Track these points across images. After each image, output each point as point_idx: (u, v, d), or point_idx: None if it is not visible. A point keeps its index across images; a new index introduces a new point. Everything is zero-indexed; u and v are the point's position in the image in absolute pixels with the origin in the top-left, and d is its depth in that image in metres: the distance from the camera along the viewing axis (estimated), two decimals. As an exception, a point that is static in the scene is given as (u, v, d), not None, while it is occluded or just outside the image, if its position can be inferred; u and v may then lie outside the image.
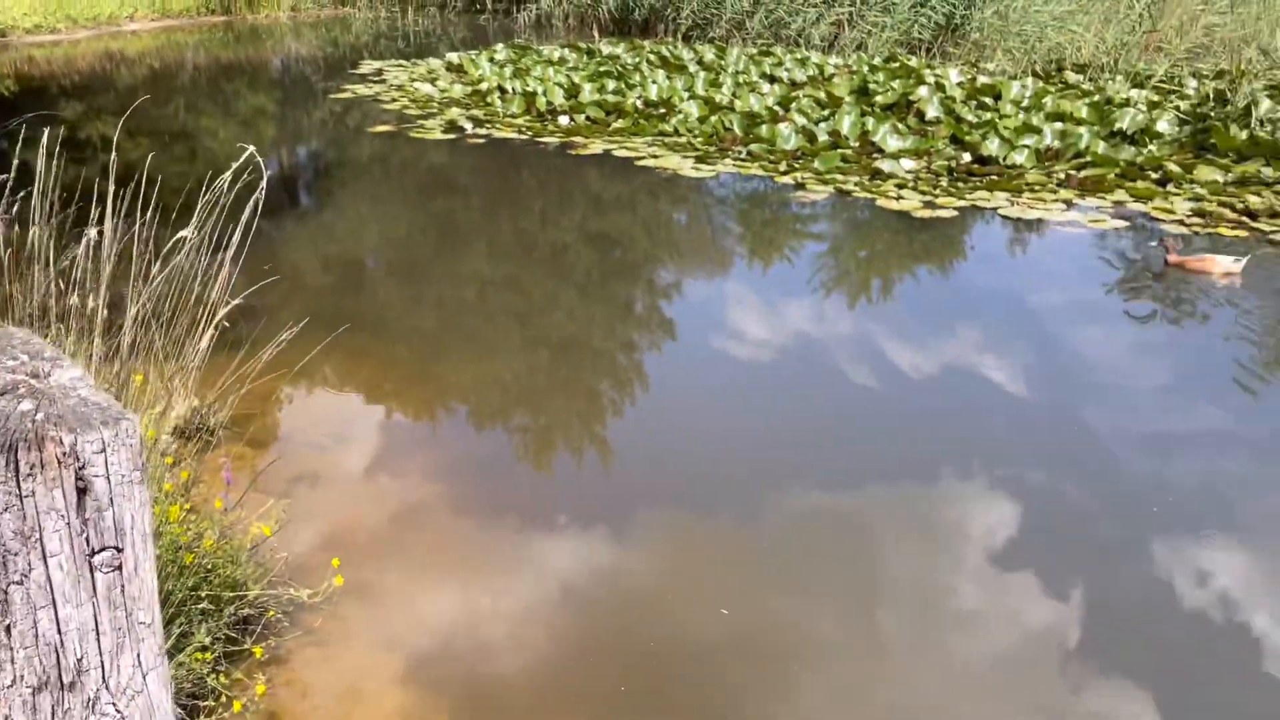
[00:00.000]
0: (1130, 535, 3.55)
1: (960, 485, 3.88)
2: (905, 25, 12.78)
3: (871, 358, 5.01)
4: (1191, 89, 9.96)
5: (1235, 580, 3.32)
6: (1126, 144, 8.44)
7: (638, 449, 4.22)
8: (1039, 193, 7.45)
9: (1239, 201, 7.12)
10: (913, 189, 7.54)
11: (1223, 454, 4.11)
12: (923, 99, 9.28)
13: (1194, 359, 5.06)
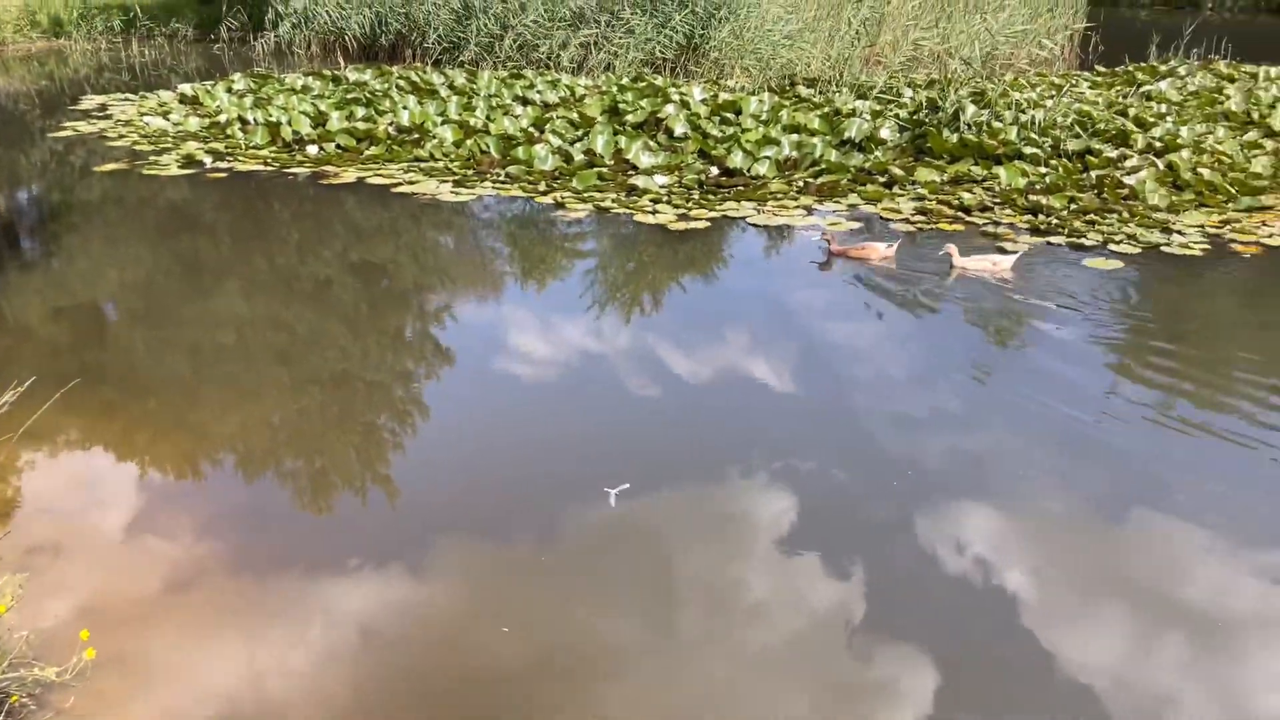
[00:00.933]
0: (891, 509, 3.85)
1: (741, 480, 4.08)
2: (649, 46, 13.25)
3: (647, 365, 5.17)
4: (908, 98, 10.88)
5: (981, 541, 3.67)
6: (856, 151, 9.13)
7: (424, 479, 4.16)
8: (782, 200, 7.93)
9: (954, 198, 7.86)
10: (667, 203, 7.84)
11: (953, 429, 4.54)
12: (670, 116, 9.65)
13: (923, 344, 5.54)
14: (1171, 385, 4.95)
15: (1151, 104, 10.26)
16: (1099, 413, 4.62)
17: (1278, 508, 3.87)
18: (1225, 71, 12.43)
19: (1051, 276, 6.43)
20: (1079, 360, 5.23)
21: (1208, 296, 6.24)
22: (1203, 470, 4.15)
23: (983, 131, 9.16)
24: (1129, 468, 4.21)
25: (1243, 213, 7.40)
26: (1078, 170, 8.31)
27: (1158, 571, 3.52)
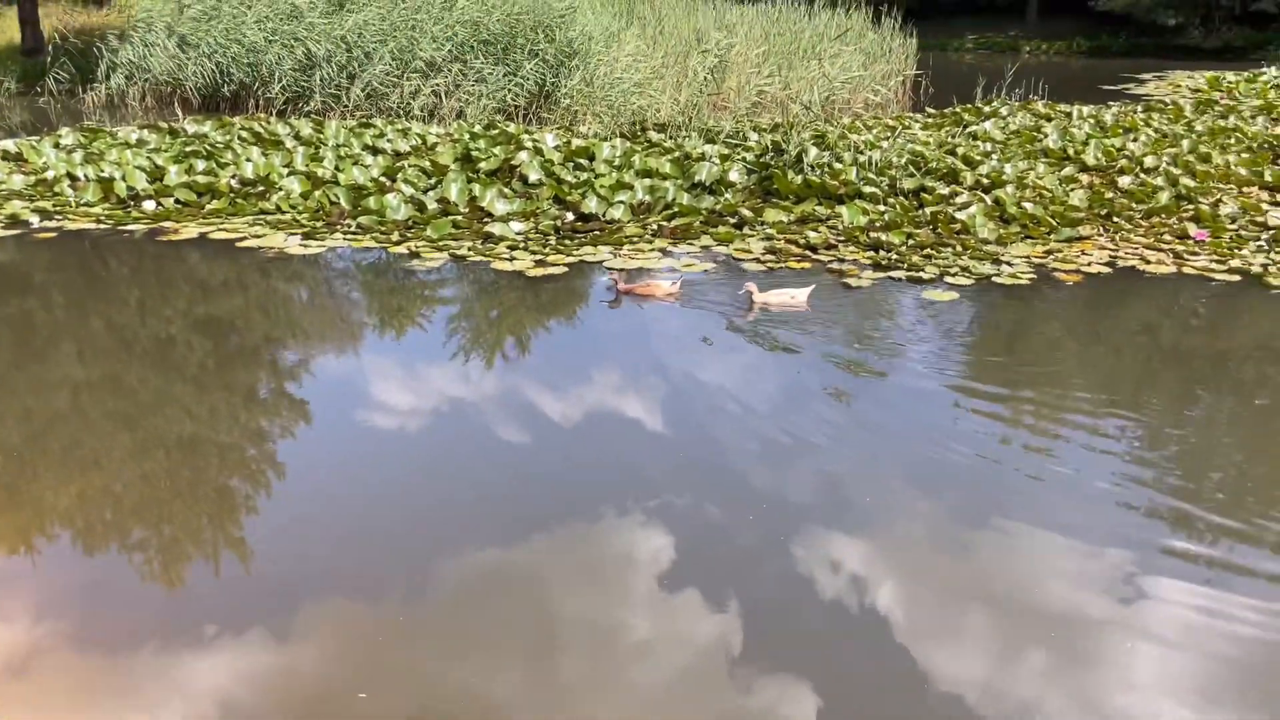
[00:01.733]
0: (759, 539, 3.94)
1: (618, 521, 4.10)
2: (500, 93, 13.32)
3: (512, 411, 5.15)
4: (754, 141, 11.27)
5: (846, 565, 3.79)
6: (706, 194, 9.38)
7: (282, 542, 4.02)
8: (638, 244, 8.07)
9: (801, 238, 8.17)
10: (524, 249, 7.87)
11: (811, 458, 4.69)
12: (524, 163, 9.72)
13: (775, 377, 5.72)
14: (1009, 405, 5.26)
15: (978, 143, 10.93)
16: (944, 435, 4.86)
17: (1109, 516, 4.14)
18: (1043, 111, 13.36)
19: (893, 309, 6.76)
20: (921, 388, 5.50)
21: (1036, 321, 6.66)
22: (1042, 484, 4.41)
23: (825, 173, 9.56)
24: (976, 485, 4.44)
25: (1064, 243, 7.94)
26: (914, 207, 8.77)
27: (1011, 583, 3.71)
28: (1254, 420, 5.13)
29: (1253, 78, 18.49)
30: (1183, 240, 7.88)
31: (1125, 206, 8.68)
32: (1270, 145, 10.74)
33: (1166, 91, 18.43)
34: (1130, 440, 4.90)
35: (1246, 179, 9.49)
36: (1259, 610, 3.51)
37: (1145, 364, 6.05)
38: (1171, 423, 5.14)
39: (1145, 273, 7.25)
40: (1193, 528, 4.08)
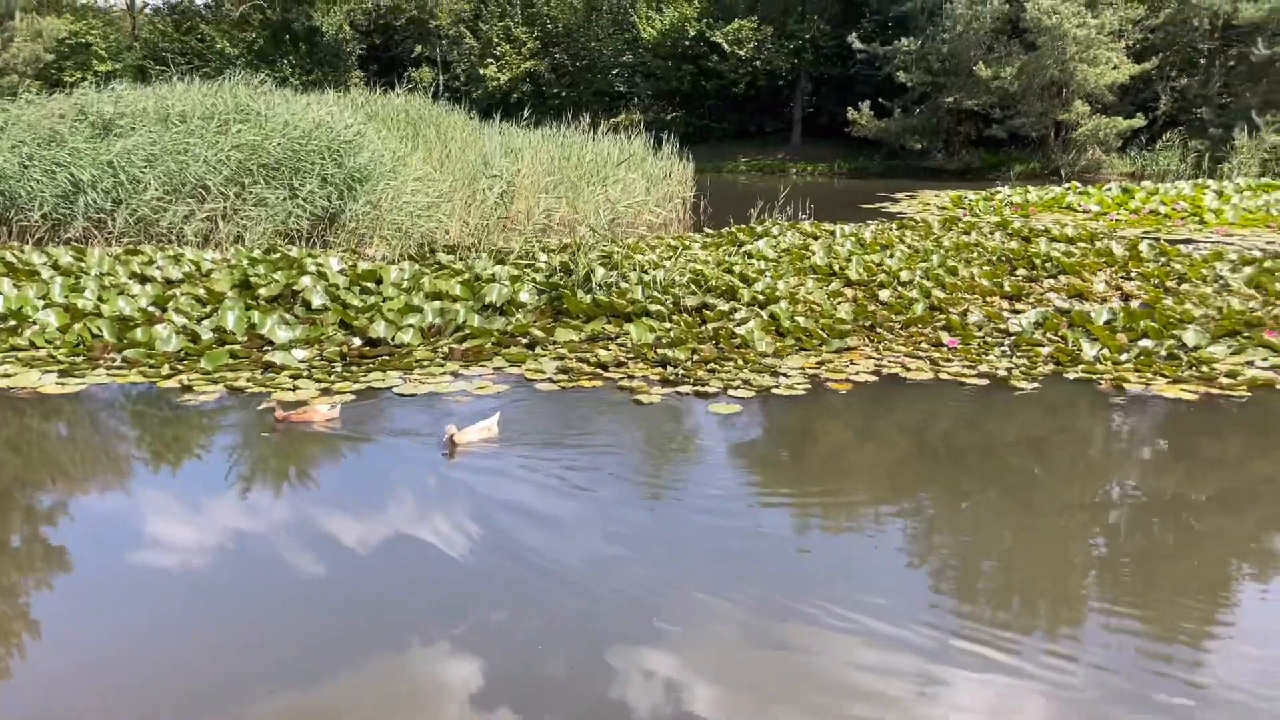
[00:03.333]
0: (576, 659, 3.88)
1: (426, 649, 3.93)
2: (282, 217, 13.02)
3: (296, 545, 4.90)
4: (543, 262, 11.49)
5: (664, 673, 3.77)
6: (498, 315, 9.44)
7: (34, 705, 3.60)
8: (428, 368, 7.99)
9: (592, 356, 8.32)
10: (308, 378, 7.62)
11: (620, 567, 4.70)
12: (307, 288, 9.49)
13: (558, 494, 5.73)
14: (802, 506, 5.53)
15: (753, 261, 11.58)
16: (745, 537, 5.03)
17: (901, 605, 4.35)
18: (809, 230, 14.35)
19: (680, 424, 6.96)
20: (717, 496, 5.66)
21: (815, 428, 7.02)
22: (839, 577, 4.59)
23: (612, 292, 9.84)
24: (778, 583, 4.57)
25: (834, 354, 8.46)
26: (697, 324, 9.15)
27: (820, 678, 3.80)
28: (1018, 508, 5.57)
29: (989, 196, 20.63)
30: (937, 348, 8.56)
31: (886, 318, 9.38)
32: (1007, 258, 11.93)
33: (918, 209, 20.23)
34: (912, 532, 5.25)
35: (989, 289, 10.47)
36: (1042, 688, 3.74)
37: (917, 461, 6.47)
38: (946, 514, 5.56)
39: (907, 379, 7.80)
40: (975, 613, 4.37)
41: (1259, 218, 17.14)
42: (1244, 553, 5.09)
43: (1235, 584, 4.77)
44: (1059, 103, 28.95)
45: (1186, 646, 4.11)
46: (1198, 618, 4.37)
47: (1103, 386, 7.58)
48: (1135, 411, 7.30)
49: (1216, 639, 4.22)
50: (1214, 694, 3.76)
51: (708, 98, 38.05)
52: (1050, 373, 7.87)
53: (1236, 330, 8.64)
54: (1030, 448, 6.64)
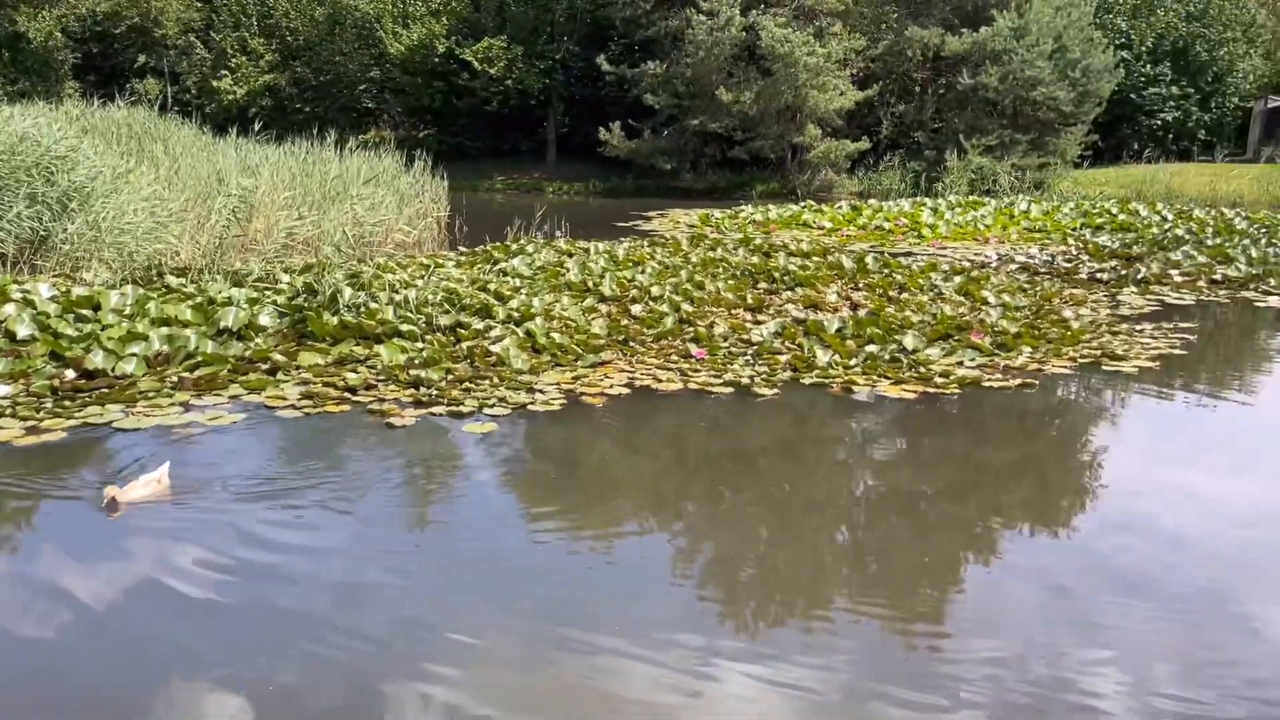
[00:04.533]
0: (347, 695, 3.65)
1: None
2: (-20, 240, 11.68)
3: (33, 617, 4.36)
4: (285, 283, 10.93)
5: (441, 698, 3.62)
6: (234, 340, 8.88)
7: None
8: (154, 399, 7.38)
9: (340, 379, 7.99)
10: (12, 415, 6.86)
11: (388, 601, 4.50)
12: (11, 317, 8.55)
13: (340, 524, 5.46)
14: (570, 520, 5.52)
15: (508, 278, 11.54)
16: (516, 555, 4.93)
17: (671, 611, 4.40)
18: (564, 247, 14.48)
19: (436, 445, 6.80)
20: (485, 516, 5.55)
21: (575, 442, 7.05)
22: (600, 580, 4.59)
23: (362, 313, 9.50)
24: (552, 598, 4.52)
25: (589, 368, 8.55)
26: (451, 343, 8.99)
27: (596, 688, 3.77)
28: (771, 510, 5.82)
29: (734, 214, 21.65)
30: (686, 359, 8.84)
31: (638, 332, 9.59)
32: (750, 272, 12.52)
33: (669, 227, 20.91)
34: (675, 541, 5.37)
35: (733, 302, 10.94)
36: (800, 685, 3.89)
37: (674, 470, 6.64)
38: (706, 520, 5.72)
39: (659, 390, 8.00)
40: (739, 617, 4.54)
41: (968, 231, 18.92)
42: (971, 539, 5.55)
43: (964, 569, 5.18)
44: (794, 126, 30.85)
45: (925, 635, 4.42)
46: (933, 604, 4.73)
47: (834, 390, 8.08)
48: (865, 412, 7.83)
49: (951, 623, 4.56)
50: (948, 680, 4.07)
51: (460, 115, 37.76)
52: (789, 379, 8.31)
53: (949, 334, 9.47)
54: (775, 451, 6.97)
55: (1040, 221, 19.72)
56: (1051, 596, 4.81)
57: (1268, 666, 4.13)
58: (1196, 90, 35.28)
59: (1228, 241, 15.99)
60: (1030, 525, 5.73)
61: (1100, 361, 8.93)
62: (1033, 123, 30.33)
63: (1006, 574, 5.11)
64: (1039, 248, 16.62)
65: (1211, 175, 29.04)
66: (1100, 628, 4.45)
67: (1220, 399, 8.41)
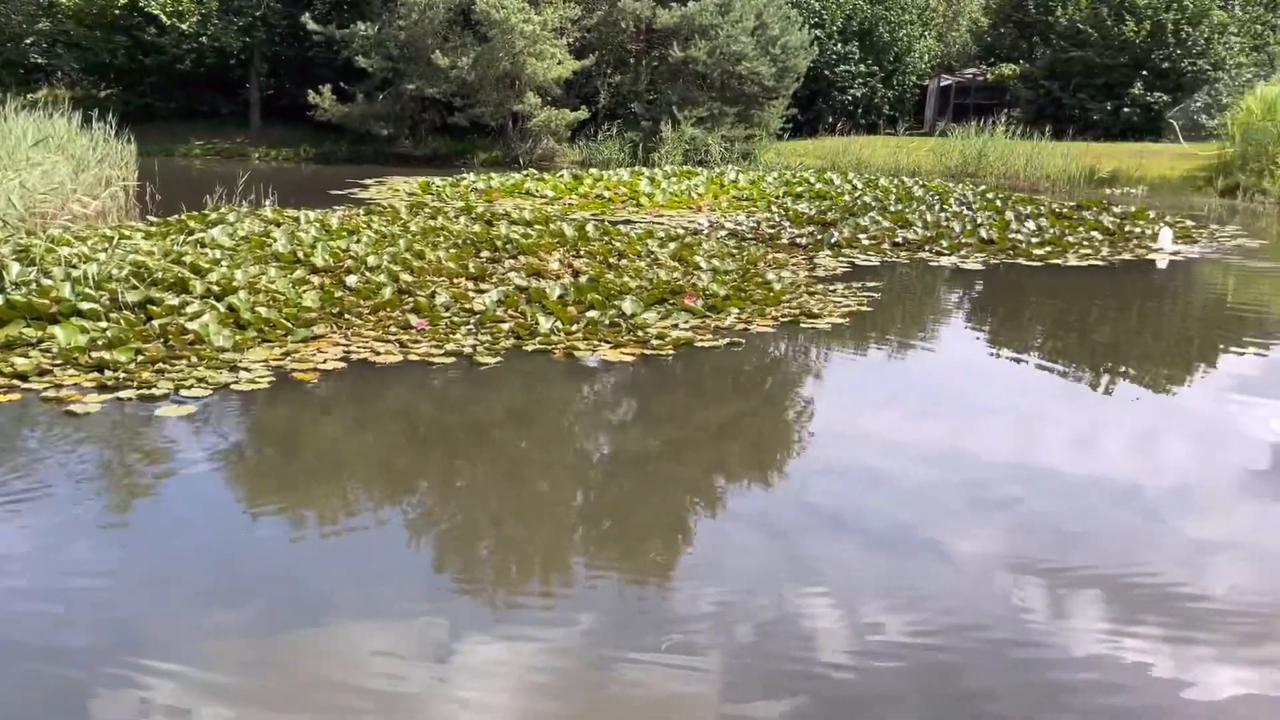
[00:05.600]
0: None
1: None
2: None
3: None
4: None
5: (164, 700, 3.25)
6: None
7: None
8: None
9: (7, 365, 7.09)
10: None
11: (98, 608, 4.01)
12: None
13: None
14: (299, 507, 5.15)
15: (206, 250, 10.67)
16: (238, 548, 4.55)
17: (402, 581, 4.22)
18: (271, 216, 13.58)
19: (126, 434, 6.19)
20: (193, 504, 5.10)
21: (291, 421, 6.64)
22: (333, 564, 4.34)
23: (32, 291, 8.46)
24: (276, 583, 4.19)
25: (300, 343, 8.08)
26: (141, 321, 8.18)
27: (333, 675, 3.53)
28: (504, 478, 5.76)
29: (455, 182, 21.25)
30: (406, 330, 8.56)
31: (354, 304, 9.17)
32: (472, 241, 12.32)
33: (387, 195, 20.18)
34: (411, 518, 5.18)
35: (455, 271, 10.72)
36: (546, 649, 3.85)
37: (403, 445, 6.38)
38: (439, 493, 5.58)
39: (377, 364, 7.69)
40: (481, 590, 4.46)
41: (683, 200, 19.63)
42: (696, 493, 5.74)
43: (691, 522, 5.34)
44: (513, 94, 30.63)
45: (659, 587, 4.53)
46: (665, 557, 4.86)
47: (556, 355, 8.11)
48: (590, 376, 7.92)
49: (682, 573, 4.69)
50: (683, 626, 4.18)
51: (148, 74, 34.51)
52: (512, 346, 8.24)
53: (664, 298, 9.76)
54: (505, 420, 6.90)
55: (748, 190, 20.77)
56: (771, 540, 5.07)
57: (957, 594, 4.55)
58: (881, 69, 38.39)
59: (907, 207, 17.55)
60: (748, 476, 6.04)
61: (799, 320, 9.54)
62: (739, 96, 31.86)
63: (730, 522, 5.34)
64: (746, 215, 17.51)
65: (895, 147, 31.78)
66: (814, 566, 4.75)
67: (906, 349, 9.24)
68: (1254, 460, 6.25)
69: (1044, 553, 4.91)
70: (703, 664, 3.88)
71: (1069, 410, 7.42)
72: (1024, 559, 4.84)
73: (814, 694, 3.71)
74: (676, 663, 3.87)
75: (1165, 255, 14.05)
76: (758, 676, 3.81)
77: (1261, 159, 22.99)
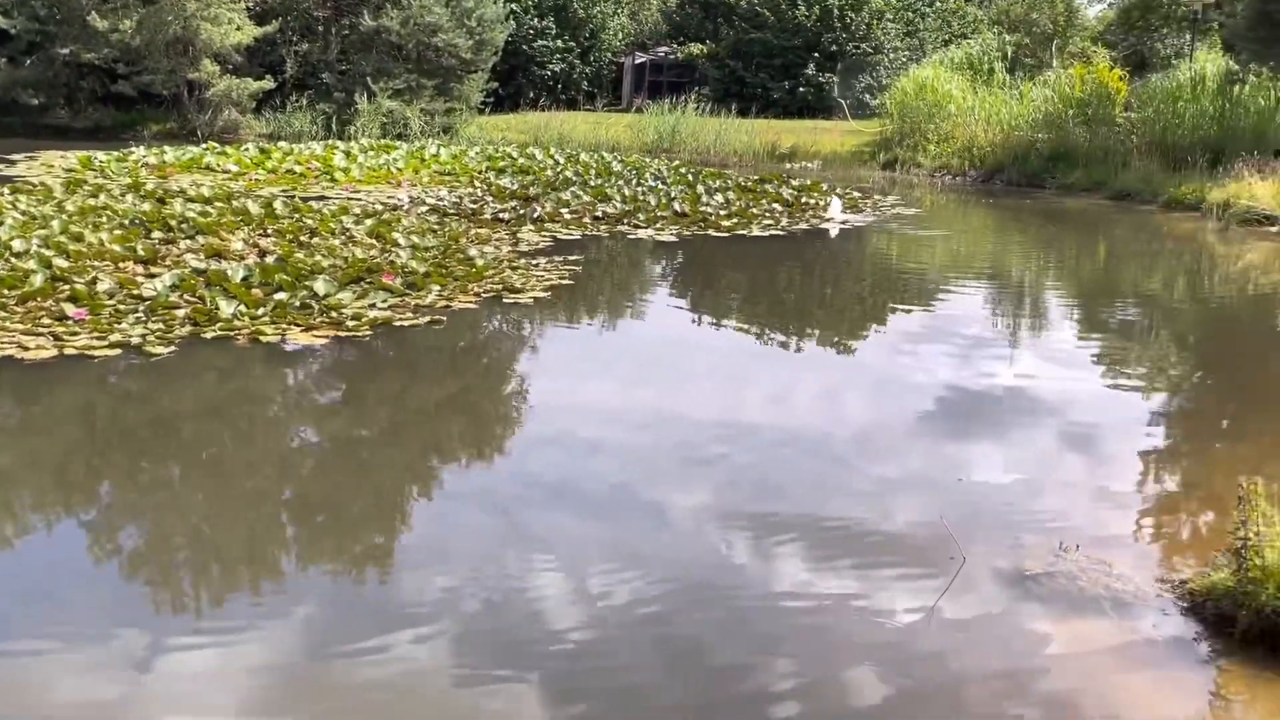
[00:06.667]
0: None
1: None
2: None
3: None
4: None
5: None
6: None
7: None
8: None
9: None
10: None
11: None
12: None
13: None
14: None
15: None
16: None
17: (93, 597, 3.75)
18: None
19: None
20: None
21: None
22: (13, 588, 3.78)
23: None
24: None
25: (-73, 342, 7.01)
26: None
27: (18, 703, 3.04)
28: (203, 477, 5.33)
29: (123, 156, 19.27)
30: (62, 321, 7.63)
31: (-2, 293, 8.09)
32: (141, 221, 11.23)
33: (39, 172, 17.97)
34: (102, 530, 4.73)
35: (121, 255, 9.71)
36: (259, 652, 3.54)
37: (84, 449, 5.75)
38: (132, 501, 5.13)
39: (26, 359, 6.82)
40: (183, 596, 4.15)
41: (381, 175, 18.95)
42: (414, 476, 5.58)
43: (411, 506, 5.19)
44: (187, 61, 28.17)
45: (380, 577, 4.38)
46: (385, 544, 4.70)
47: (240, 341, 7.53)
48: (283, 362, 7.43)
49: (405, 560, 4.56)
50: (409, 612, 4.03)
51: None
52: (189, 334, 7.55)
53: (361, 277, 9.34)
54: (191, 413, 6.36)
55: (450, 165, 20.37)
56: (494, 517, 5.01)
57: (675, 549, 4.71)
58: (578, 44, 38.92)
59: (607, 182, 17.92)
60: (466, 454, 5.94)
61: (501, 295, 9.47)
62: (437, 68, 31.15)
63: (451, 503, 5.23)
64: (448, 190, 17.17)
65: (595, 123, 32.33)
66: (539, 538, 4.75)
67: (613, 320, 9.47)
68: (923, 405, 6.93)
69: (749, 504, 5.20)
70: (431, 648, 3.78)
71: (764, 370, 7.90)
72: (732, 511, 5.10)
73: (549, 666, 3.71)
74: (403, 651, 3.74)
75: (836, 224, 15.27)
76: (490, 654, 3.76)
77: (915, 135, 25.52)
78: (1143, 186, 18.98)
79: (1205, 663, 3.83)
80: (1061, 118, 22.83)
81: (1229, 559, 4.05)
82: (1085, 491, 5.46)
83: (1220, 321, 10.36)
